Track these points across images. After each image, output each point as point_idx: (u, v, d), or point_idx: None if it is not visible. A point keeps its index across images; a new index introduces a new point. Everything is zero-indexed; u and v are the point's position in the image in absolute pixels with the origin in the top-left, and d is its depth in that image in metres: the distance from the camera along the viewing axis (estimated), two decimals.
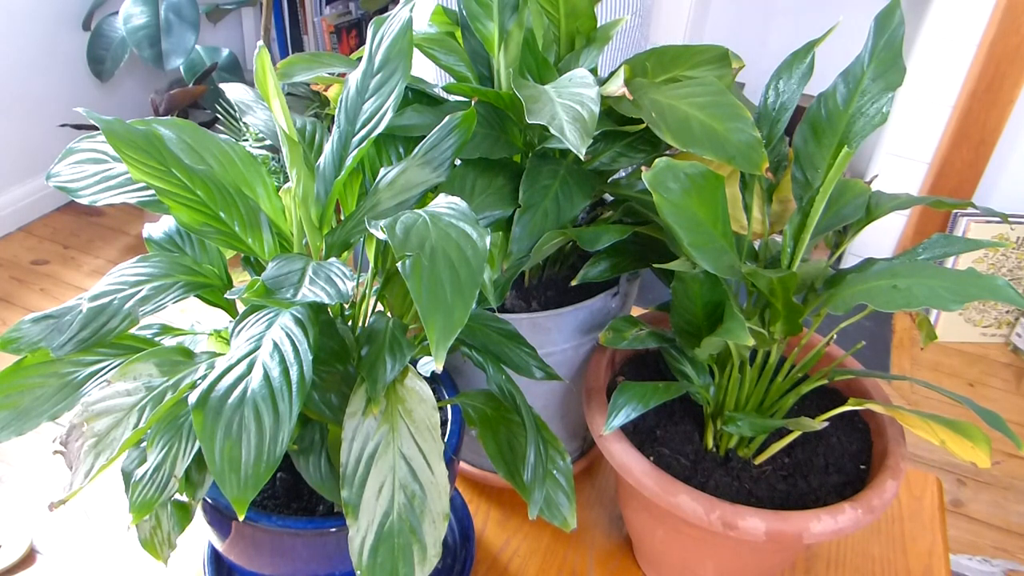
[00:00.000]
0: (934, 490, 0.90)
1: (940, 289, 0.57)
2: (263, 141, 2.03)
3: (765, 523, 0.61)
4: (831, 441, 0.73)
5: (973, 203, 0.67)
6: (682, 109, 0.64)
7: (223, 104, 2.30)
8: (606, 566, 0.80)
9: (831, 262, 0.69)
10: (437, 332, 0.45)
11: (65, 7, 2.50)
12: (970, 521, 1.83)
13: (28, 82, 2.46)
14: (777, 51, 0.72)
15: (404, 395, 0.57)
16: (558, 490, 0.63)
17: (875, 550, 0.83)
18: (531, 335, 0.67)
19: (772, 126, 0.71)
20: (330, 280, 0.52)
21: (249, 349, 0.51)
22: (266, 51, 0.54)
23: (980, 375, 2.24)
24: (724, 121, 0.63)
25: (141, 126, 0.55)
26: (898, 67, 0.66)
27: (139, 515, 0.53)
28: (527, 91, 0.61)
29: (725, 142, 0.62)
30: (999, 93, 2.15)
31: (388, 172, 0.62)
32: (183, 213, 0.55)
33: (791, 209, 0.71)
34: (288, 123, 0.54)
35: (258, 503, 0.63)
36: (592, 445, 0.90)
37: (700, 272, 0.64)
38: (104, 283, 0.57)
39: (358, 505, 0.52)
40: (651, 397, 0.66)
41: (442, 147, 0.62)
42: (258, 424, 0.48)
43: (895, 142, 2.33)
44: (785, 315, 0.63)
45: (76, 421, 0.53)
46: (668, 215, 0.59)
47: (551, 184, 0.67)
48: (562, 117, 0.57)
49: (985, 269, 2.27)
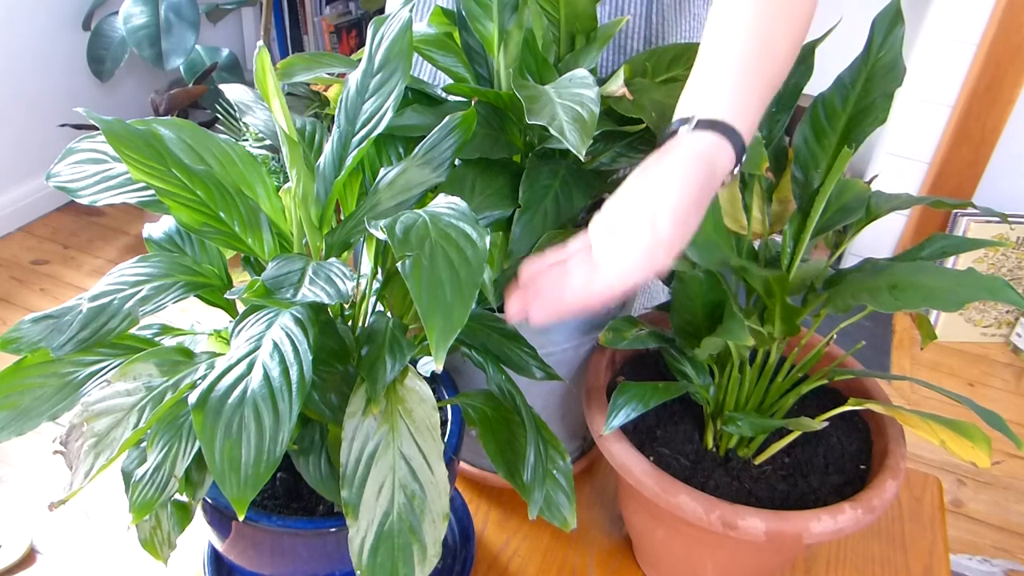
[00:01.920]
0: (934, 490, 0.90)
1: (940, 289, 0.57)
2: (263, 141, 2.03)
3: (765, 523, 0.61)
4: (831, 441, 0.73)
5: (973, 203, 0.67)
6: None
7: (223, 104, 2.30)
8: (606, 566, 0.80)
9: (831, 262, 0.69)
10: (437, 332, 0.45)
11: (65, 7, 2.50)
12: (970, 521, 1.83)
13: (28, 82, 2.46)
14: None
15: (404, 395, 0.57)
16: (558, 490, 0.63)
17: (875, 550, 0.83)
18: (531, 335, 0.67)
19: (772, 126, 0.71)
20: (330, 280, 0.52)
21: (249, 349, 0.51)
22: (266, 51, 0.54)
23: (980, 375, 2.24)
24: None
25: (141, 126, 0.55)
26: (898, 67, 0.66)
27: (139, 515, 0.53)
28: (527, 91, 0.61)
29: None
30: (999, 93, 2.15)
31: (388, 172, 0.62)
32: (183, 213, 0.55)
33: (791, 209, 0.71)
34: (288, 123, 0.54)
35: (258, 503, 0.63)
36: (592, 445, 0.90)
37: (700, 272, 0.64)
38: (104, 283, 0.57)
39: (358, 505, 0.52)
40: (651, 397, 0.66)
41: (442, 147, 0.62)
42: (258, 424, 0.48)
43: (895, 142, 2.33)
44: (782, 315, 0.63)
45: (76, 421, 0.53)
46: None
47: (551, 184, 0.67)
48: (562, 118, 0.57)
49: (985, 269, 2.27)
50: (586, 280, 0.55)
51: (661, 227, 0.54)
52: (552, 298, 0.56)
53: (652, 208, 0.54)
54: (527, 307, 0.56)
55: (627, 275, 0.54)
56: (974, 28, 2.12)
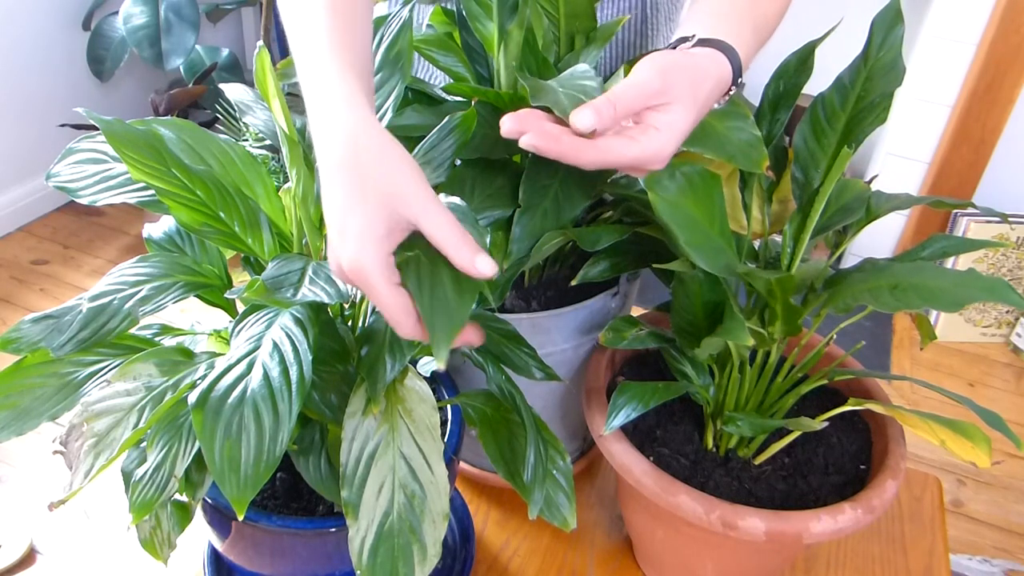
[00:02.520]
0: (934, 490, 0.90)
1: (940, 290, 0.57)
2: (263, 141, 2.03)
3: (765, 523, 0.61)
4: (831, 441, 0.73)
5: (973, 203, 0.67)
6: None
7: (223, 104, 2.30)
8: (606, 566, 0.80)
9: (831, 262, 0.69)
10: (439, 331, 0.45)
11: (65, 7, 2.50)
12: (970, 521, 1.83)
13: (28, 82, 2.46)
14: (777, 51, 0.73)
15: (404, 395, 0.57)
16: (558, 490, 0.63)
17: (875, 550, 0.83)
18: (531, 335, 0.67)
19: (772, 125, 0.71)
20: (330, 280, 0.52)
21: (249, 349, 0.51)
22: (266, 51, 0.54)
23: (980, 375, 2.24)
24: (724, 120, 0.63)
25: (141, 126, 0.55)
26: (898, 67, 0.66)
27: (139, 515, 0.53)
28: (530, 82, 0.61)
29: (725, 141, 0.62)
30: (999, 93, 2.15)
31: None
32: (183, 213, 0.55)
33: (791, 209, 0.71)
34: (288, 123, 0.54)
35: (258, 503, 0.63)
36: (592, 445, 0.90)
37: (700, 272, 0.64)
38: (104, 283, 0.57)
39: (358, 505, 0.52)
40: (651, 397, 0.66)
41: (442, 147, 0.62)
42: (258, 424, 0.48)
43: (895, 142, 2.33)
44: (783, 316, 0.63)
45: (76, 421, 0.53)
46: (664, 213, 0.59)
47: (551, 184, 0.67)
48: (565, 102, 0.57)
49: (985, 269, 2.27)
50: (630, 141, 0.55)
51: (693, 112, 0.56)
52: (569, 142, 0.54)
53: (694, 92, 0.57)
54: (526, 127, 0.53)
55: (676, 141, 0.56)
56: (974, 28, 2.12)
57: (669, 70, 0.57)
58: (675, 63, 0.57)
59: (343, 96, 0.53)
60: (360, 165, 0.50)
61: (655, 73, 0.56)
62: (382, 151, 0.50)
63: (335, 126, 0.52)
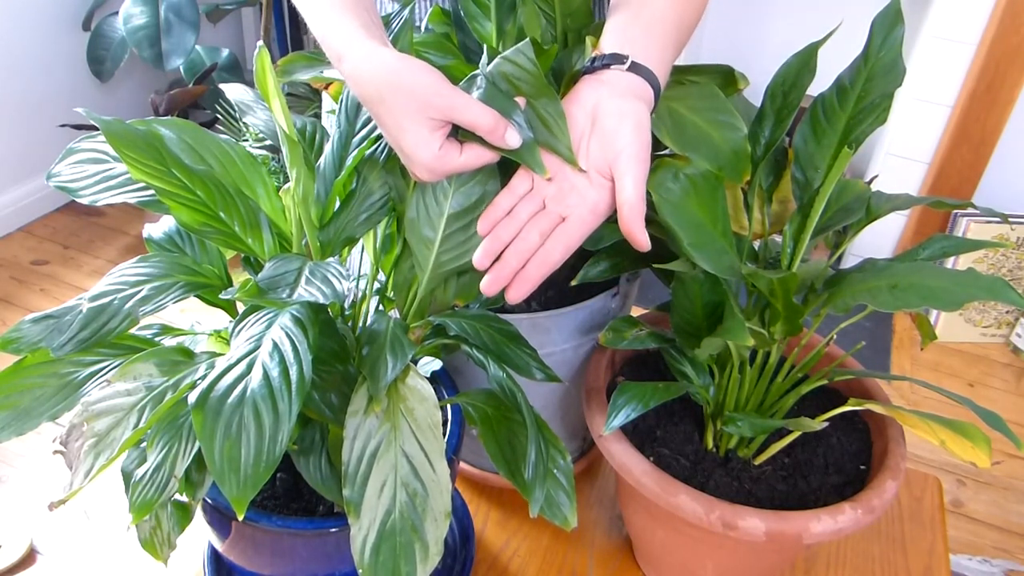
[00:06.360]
0: (934, 490, 0.90)
1: (940, 289, 0.57)
2: (263, 141, 2.03)
3: (765, 523, 0.61)
4: (831, 441, 0.73)
5: (973, 203, 0.67)
6: (682, 113, 0.64)
7: (223, 104, 2.29)
8: (606, 566, 0.80)
9: (831, 262, 0.69)
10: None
11: (65, 7, 2.50)
12: (970, 521, 1.83)
13: (28, 82, 2.46)
14: (777, 51, 0.73)
15: (406, 394, 0.57)
16: (559, 489, 0.63)
17: (875, 550, 0.83)
18: (531, 335, 0.67)
19: (774, 128, 0.71)
20: (326, 280, 0.52)
21: (249, 349, 0.51)
22: (266, 51, 0.54)
23: (980, 375, 2.24)
24: (721, 130, 0.64)
25: (141, 126, 0.55)
26: (898, 67, 0.66)
27: (139, 515, 0.53)
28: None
29: (719, 151, 0.63)
30: (999, 93, 2.15)
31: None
32: (183, 213, 0.55)
33: (791, 209, 0.71)
34: (288, 123, 0.54)
35: (258, 503, 0.63)
36: (592, 445, 0.90)
37: (700, 272, 0.64)
38: (104, 283, 0.57)
39: (360, 503, 0.52)
40: (651, 397, 0.66)
41: None
42: (258, 424, 0.48)
43: (895, 142, 2.33)
44: (785, 316, 0.63)
45: (76, 421, 0.53)
46: (667, 215, 0.59)
47: None
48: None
49: (985, 269, 2.27)
50: (587, 208, 0.59)
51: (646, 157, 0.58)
52: (538, 260, 0.58)
53: (644, 141, 0.58)
54: (503, 282, 0.58)
55: (641, 191, 0.58)
56: (974, 28, 2.11)
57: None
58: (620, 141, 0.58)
59: (346, 42, 0.58)
60: (383, 96, 0.56)
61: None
62: (397, 74, 0.56)
63: (352, 73, 0.58)
